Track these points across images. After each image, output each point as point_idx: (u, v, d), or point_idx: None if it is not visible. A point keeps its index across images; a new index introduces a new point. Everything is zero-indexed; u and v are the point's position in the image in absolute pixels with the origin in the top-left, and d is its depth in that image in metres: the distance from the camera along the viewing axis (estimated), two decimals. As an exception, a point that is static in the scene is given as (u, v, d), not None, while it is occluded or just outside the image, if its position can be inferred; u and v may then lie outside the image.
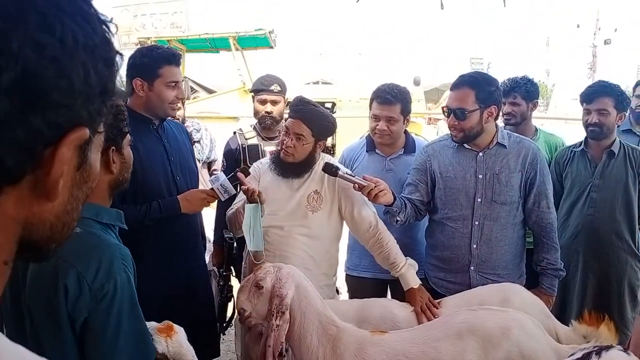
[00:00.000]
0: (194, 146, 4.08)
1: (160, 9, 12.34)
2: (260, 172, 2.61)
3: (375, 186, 2.35)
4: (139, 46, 10.23)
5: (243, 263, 2.72)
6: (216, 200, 2.50)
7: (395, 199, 2.47)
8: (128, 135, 1.58)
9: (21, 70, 0.44)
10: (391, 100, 2.73)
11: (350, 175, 2.43)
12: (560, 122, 10.76)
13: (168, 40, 9.27)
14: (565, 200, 3.17)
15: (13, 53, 0.44)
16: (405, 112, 2.79)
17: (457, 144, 2.57)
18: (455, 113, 2.45)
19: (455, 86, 2.50)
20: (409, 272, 2.46)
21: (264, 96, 3.21)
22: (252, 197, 2.33)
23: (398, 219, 2.54)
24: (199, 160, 4.12)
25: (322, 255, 2.57)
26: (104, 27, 0.53)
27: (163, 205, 2.31)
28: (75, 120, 0.50)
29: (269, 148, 3.14)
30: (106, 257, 1.30)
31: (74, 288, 1.25)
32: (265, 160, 2.70)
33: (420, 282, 2.47)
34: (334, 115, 2.77)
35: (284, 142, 2.46)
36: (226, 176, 2.42)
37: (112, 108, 1.52)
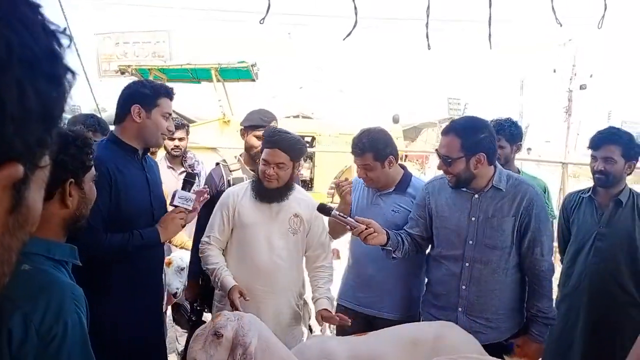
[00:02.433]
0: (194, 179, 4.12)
1: (143, 38, 12.38)
2: (237, 199, 2.71)
3: (366, 228, 2.42)
4: (118, 74, 10.21)
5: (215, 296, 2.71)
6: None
7: (389, 238, 2.49)
8: (92, 170, 1.51)
9: None
10: (358, 152, 2.77)
11: (343, 216, 2.49)
12: (532, 164, 10.93)
13: (149, 69, 9.25)
14: (571, 246, 3.07)
15: None
16: (380, 157, 2.75)
17: None
18: (442, 159, 2.49)
19: (444, 132, 2.53)
20: (327, 302, 2.66)
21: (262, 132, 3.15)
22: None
23: (394, 255, 2.57)
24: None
25: (298, 276, 2.76)
26: (52, 37, 0.42)
27: (144, 234, 2.32)
28: (4, 153, 0.39)
29: None
30: (56, 297, 1.22)
31: (18, 331, 1.15)
32: (239, 187, 2.78)
33: (331, 311, 2.63)
34: (313, 149, 2.83)
35: (265, 171, 2.59)
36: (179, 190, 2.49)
37: (73, 138, 1.44)
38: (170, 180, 4.32)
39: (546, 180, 3.75)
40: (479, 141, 2.43)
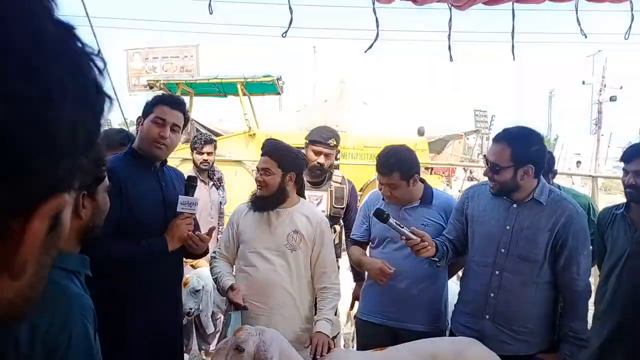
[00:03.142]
0: (218, 190, 4.40)
1: (172, 53, 12.62)
2: (241, 215, 2.79)
3: (421, 241, 2.47)
4: (147, 88, 10.41)
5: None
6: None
7: (436, 251, 2.55)
8: (106, 181, 1.54)
9: None
10: (386, 172, 2.79)
11: (399, 225, 2.53)
12: (562, 177, 10.73)
13: (177, 84, 9.40)
14: (605, 264, 2.98)
15: None
16: (407, 176, 2.78)
17: None
18: (490, 166, 2.49)
19: (496, 139, 2.54)
20: (326, 323, 2.62)
21: (320, 148, 3.38)
22: (238, 308, 2.57)
23: (439, 264, 2.65)
24: (221, 204, 4.54)
25: (302, 297, 2.72)
26: (93, 65, 0.43)
27: (152, 244, 2.35)
28: (53, 187, 0.40)
29: (309, 193, 3.26)
30: (63, 308, 1.24)
31: (25, 340, 1.15)
32: (244, 205, 2.84)
33: (328, 336, 2.58)
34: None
35: (257, 178, 2.69)
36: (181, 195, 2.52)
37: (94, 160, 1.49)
38: (204, 194, 4.51)
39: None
40: (530, 153, 2.43)
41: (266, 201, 2.69)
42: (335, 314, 2.93)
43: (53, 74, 0.37)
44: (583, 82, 28.34)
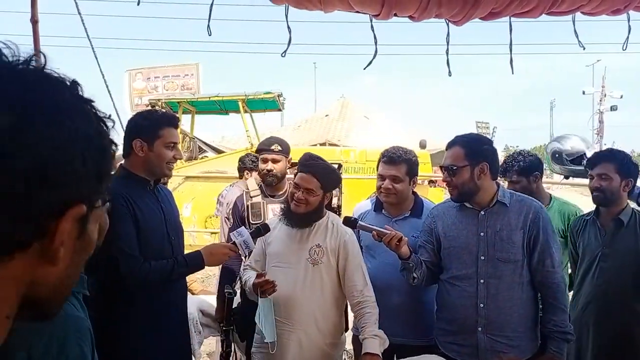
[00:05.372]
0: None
1: (172, 72, 12.70)
2: (270, 228, 2.76)
3: (394, 236, 2.49)
4: (149, 107, 10.48)
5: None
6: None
7: (411, 253, 2.55)
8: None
9: (35, 157, 0.55)
10: (396, 160, 2.83)
11: (370, 224, 2.58)
12: (566, 187, 10.67)
13: (178, 102, 9.44)
14: (579, 269, 3.09)
15: (29, 145, 0.55)
16: (411, 173, 2.85)
17: (459, 204, 2.63)
18: (447, 169, 2.56)
19: (449, 145, 2.64)
20: (372, 341, 2.48)
21: (265, 155, 3.37)
22: (268, 291, 2.50)
23: (414, 275, 2.59)
24: None
25: (326, 312, 2.65)
26: (100, 122, 0.64)
27: (188, 260, 2.39)
28: (76, 197, 0.59)
29: (272, 206, 3.27)
30: (59, 331, 1.22)
31: None
32: (275, 219, 2.84)
33: (379, 354, 2.46)
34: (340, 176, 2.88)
35: (295, 194, 2.61)
36: (249, 232, 2.57)
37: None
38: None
39: (580, 204, 3.65)
40: (482, 151, 2.54)
41: (302, 217, 2.64)
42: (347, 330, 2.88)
43: (69, 123, 0.58)
44: (583, 92, 28.42)
